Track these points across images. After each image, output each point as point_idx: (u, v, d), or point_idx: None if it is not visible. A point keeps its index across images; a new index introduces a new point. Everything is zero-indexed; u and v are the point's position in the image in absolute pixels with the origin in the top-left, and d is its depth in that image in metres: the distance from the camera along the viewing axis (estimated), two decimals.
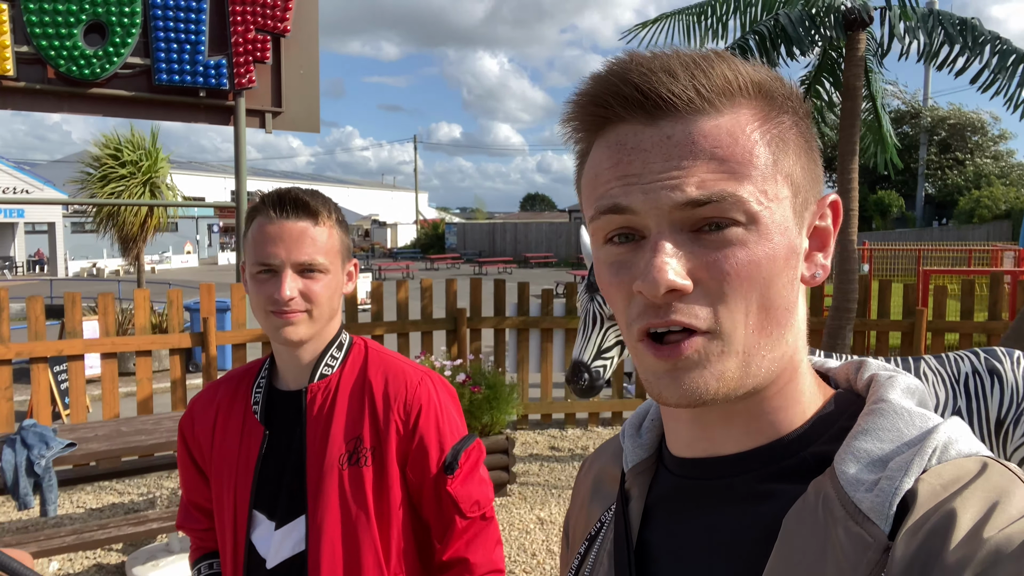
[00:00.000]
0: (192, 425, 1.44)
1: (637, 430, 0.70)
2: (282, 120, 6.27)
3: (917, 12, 5.76)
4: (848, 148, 5.79)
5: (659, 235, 0.53)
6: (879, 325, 6.25)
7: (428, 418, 1.34)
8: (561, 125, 0.60)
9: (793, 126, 0.56)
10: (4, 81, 5.21)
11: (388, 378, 1.36)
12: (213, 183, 43.73)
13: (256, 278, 1.28)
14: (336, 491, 1.29)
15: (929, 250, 17.57)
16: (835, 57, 6.44)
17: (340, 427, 1.32)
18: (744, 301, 0.52)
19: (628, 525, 0.65)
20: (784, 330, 0.55)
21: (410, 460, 1.34)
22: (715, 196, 0.51)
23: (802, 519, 0.51)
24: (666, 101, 0.53)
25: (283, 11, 5.92)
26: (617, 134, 0.55)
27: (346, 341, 1.40)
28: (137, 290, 5.47)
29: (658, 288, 0.51)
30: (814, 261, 0.58)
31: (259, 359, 1.46)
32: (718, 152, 0.52)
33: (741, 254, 0.52)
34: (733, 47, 5.75)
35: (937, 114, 36.32)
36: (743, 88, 0.54)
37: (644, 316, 0.53)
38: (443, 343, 6.56)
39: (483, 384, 5.16)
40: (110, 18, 5.39)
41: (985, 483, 0.48)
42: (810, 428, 0.58)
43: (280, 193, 1.29)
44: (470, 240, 44.91)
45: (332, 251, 1.31)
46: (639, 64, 0.54)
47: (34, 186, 23.37)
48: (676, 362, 0.53)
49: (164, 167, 12.02)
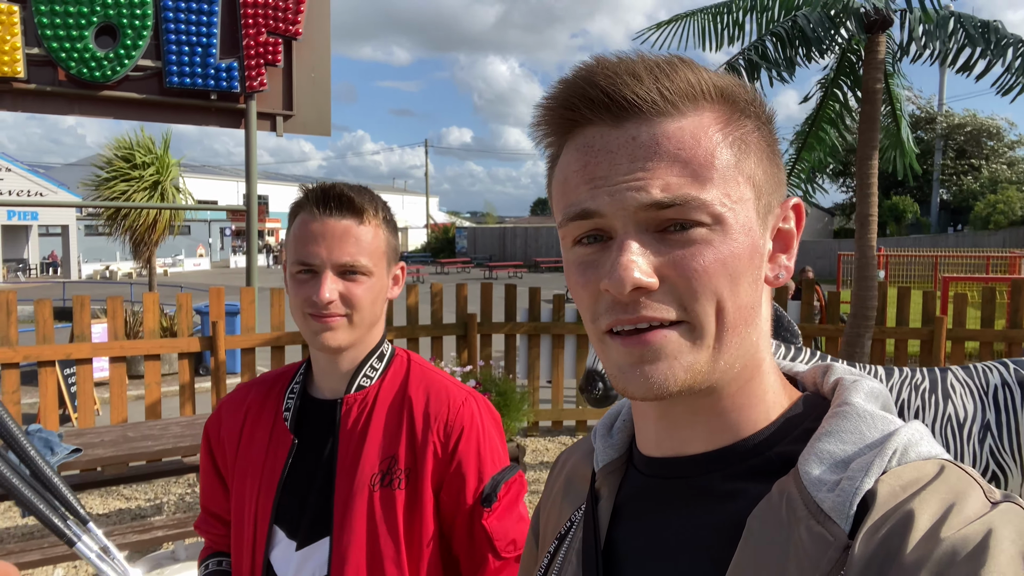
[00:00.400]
0: (219, 427, 1.36)
1: (608, 430, 0.71)
2: (293, 123, 6.22)
3: (938, 14, 5.65)
4: (867, 152, 5.69)
5: (625, 235, 0.54)
6: (897, 333, 6.12)
7: (469, 442, 1.23)
8: (531, 129, 0.61)
9: (755, 130, 0.58)
10: (15, 83, 5.19)
11: (430, 395, 1.27)
12: (226, 187, 43.94)
13: (296, 278, 1.20)
14: (365, 513, 1.19)
15: (946, 256, 17.37)
16: (854, 60, 6.34)
17: (375, 444, 1.23)
18: (713, 296, 0.54)
19: (597, 524, 0.66)
20: (749, 328, 0.57)
21: (445, 486, 1.23)
22: (679, 199, 0.53)
23: (766, 519, 0.52)
24: (631, 103, 0.54)
25: (295, 14, 5.88)
26: (585, 136, 0.57)
27: (388, 351, 1.32)
28: (146, 293, 5.44)
29: (624, 286, 0.53)
30: (777, 262, 0.60)
31: (295, 363, 1.37)
32: (681, 154, 0.54)
33: (707, 252, 0.54)
34: (750, 49, 5.67)
35: (953, 120, 36.01)
36: (706, 92, 0.56)
37: (611, 312, 0.55)
38: (453, 349, 6.48)
39: (493, 391, 5.08)
40: (121, 20, 5.37)
41: (942, 485, 0.49)
42: (776, 429, 0.59)
43: (324, 188, 1.20)
44: (480, 244, 44.89)
45: (377, 252, 1.22)
46: (605, 68, 0.55)
47: (48, 189, 23.53)
48: (643, 352, 0.54)
49: (175, 170, 12.04)
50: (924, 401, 2.73)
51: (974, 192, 34.71)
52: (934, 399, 2.73)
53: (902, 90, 6.61)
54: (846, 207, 40.74)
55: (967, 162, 36.19)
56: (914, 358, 6.73)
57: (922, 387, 2.77)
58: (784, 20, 5.73)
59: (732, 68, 5.76)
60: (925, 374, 2.82)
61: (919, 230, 34.58)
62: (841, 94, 6.55)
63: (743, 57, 5.71)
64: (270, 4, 5.80)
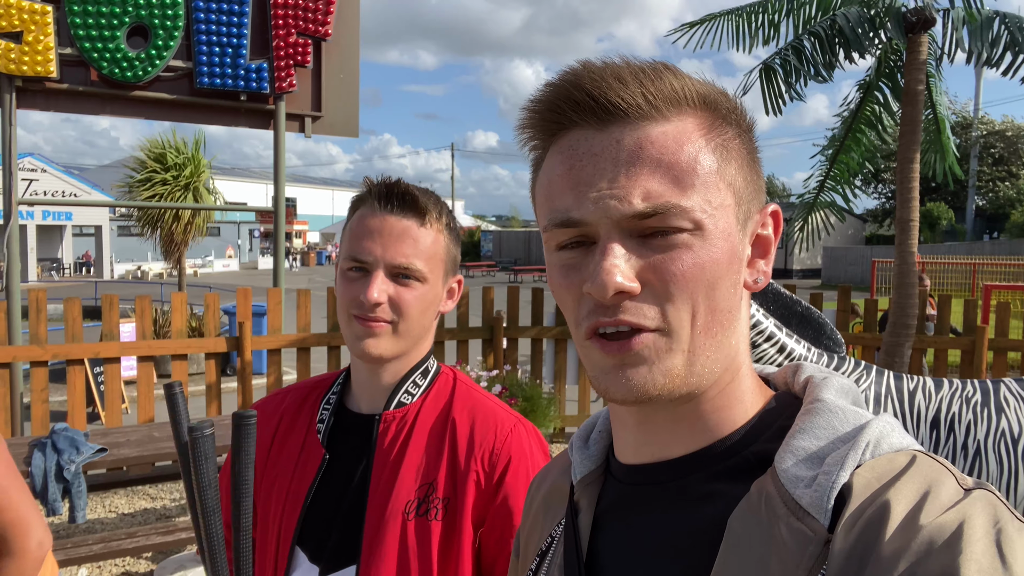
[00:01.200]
0: None
1: (585, 442, 0.71)
2: (321, 124, 6.21)
3: (982, 14, 5.48)
4: (908, 156, 5.53)
5: (608, 239, 0.55)
6: (937, 342, 5.93)
7: (517, 475, 1.11)
8: (517, 132, 0.61)
9: (736, 137, 0.58)
10: (48, 83, 5.23)
11: (476, 419, 1.16)
12: (255, 189, 44.46)
13: (346, 275, 1.11)
14: (396, 544, 1.09)
15: (984, 264, 16.95)
16: (894, 61, 6.17)
17: (412, 468, 1.12)
18: (690, 302, 0.55)
19: (578, 537, 0.66)
20: (728, 333, 0.57)
21: (488, 522, 1.11)
22: (660, 208, 0.54)
23: (746, 519, 0.52)
24: (615, 106, 0.55)
25: (324, 15, 5.87)
26: (570, 139, 0.57)
27: (433, 368, 1.22)
28: (175, 294, 5.45)
29: (607, 290, 0.53)
30: (756, 268, 0.61)
31: (334, 371, 1.28)
32: (664, 159, 0.54)
33: (687, 257, 0.54)
34: (787, 48, 5.53)
35: (992, 126, 35.26)
36: (689, 98, 0.56)
37: (593, 315, 0.55)
38: (479, 352, 6.41)
39: (520, 396, 5.00)
40: (153, 21, 5.39)
41: (916, 474, 0.50)
42: (751, 428, 0.59)
43: (388, 183, 1.13)
44: (506, 248, 44.89)
45: (435, 258, 1.13)
46: (590, 71, 0.56)
47: (82, 190, 23.96)
48: (624, 357, 0.55)
49: (206, 172, 12.15)
50: (976, 414, 2.59)
51: (1011, 199, 33.92)
52: (986, 412, 2.59)
53: (942, 94, 6.43)
54: (878, 213, 40.07)
55: (1004, 168, 35.40)
56: (954, 368, 6.52)
57: (974, 400, 2.63)
58: (823, 20, 5.59)
59: (768, 68, 5.63)
60: (976, 386, 2.68)
61: (954, 237, 33.88)
62: (881, 96, 6.38)
63: (779, 57, 5.57)
64: (300, 5, 5.80)
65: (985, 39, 5.32)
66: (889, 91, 6.35)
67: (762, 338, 2.58)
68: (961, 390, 2.67)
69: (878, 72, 6.27)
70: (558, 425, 6.45)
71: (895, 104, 6.31)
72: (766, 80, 5.69)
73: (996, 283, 12.21)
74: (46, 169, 23.56)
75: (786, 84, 5.60)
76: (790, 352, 2.62)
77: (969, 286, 16.54)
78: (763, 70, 5.66)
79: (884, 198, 39.27)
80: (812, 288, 21.51)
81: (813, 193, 6.94)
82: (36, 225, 29.94)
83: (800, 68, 5.47)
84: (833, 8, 5.83)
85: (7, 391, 4.88)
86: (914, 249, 5.58)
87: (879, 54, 6.14)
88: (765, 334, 2.59)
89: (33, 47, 5.06)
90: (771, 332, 2.60)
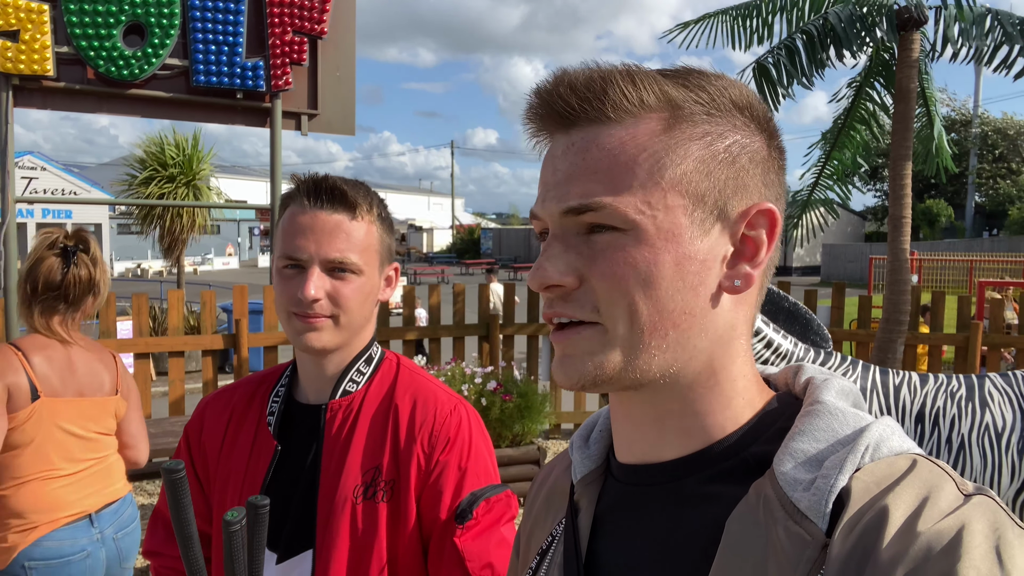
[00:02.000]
0: (200, 430, 1.28)
1: (585, 441, 0.71)
2: (318, 122, 6.23)
3: (974, 12, 5.50)
4: (900, 153, 5.55)
5: (552, 236, 0.59)
6: (931, 339, 5.95)
7: (452, 452, 1.15)
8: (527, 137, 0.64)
9: (703, 136, 0.57)
10: (45, 81, 5.25)
11: (417, 402, 1.19)
12: (255, 187, 44.44)
13: (282, 273, 1.14)
14: (348, 527, 1.12)
15: (981, 261, 16.96)
16: (887, 59, 6.19)
17: (358, 454, 1.16)
18: (624, 299, 0.55)
19: (577, 536, 0.66)
20: (689, 334, 0.57)
21: (424, 497, 1.15)
22: (592, 205, 0.56)
23: (744, 521, 0.52)
24: (560, 112, 0.58)
25: (320, 13, 5.89)
26: (549, 142, 0.61)
27: (376, 355, 1.24)
28: (172, 291, 5.48)
29: (534, 283, 0.57)
30: (737, 270, 0.59)
31: (282, 364, 1.31)
32: (602, 161, 0.56)
33: (618, 256, 0.55)
34: (779, 47, 5.55)
35: (990, 124, 35.22)
36: (644, 101, 0.57)
37: (545, 308, 0.60)
38: (475, 349, 6.44)
39: (515, 392, 5.03)
40: (149, 19, 5.41)
41: (915, 479, 0.49)
42: (749, 430, 0.59)
43: (316, 179, 1.14)
44: (506, 245, 44.89)
45: (369, 250, 1.16)
46: (548, 79, 0.59)
47: (82, 188, 23.98)
48: (564, 346, 0.58)
49: (206, 169, 12.18)
50: (960, 409, 2.62)
51: (1010, 196, 33.91)
52: (971, 407, 2.63)
53: (935, 91, 6.45)
54: (878, 211, 40.07)
55: (1004, 165, 35.38)
56: (948, 365, 6.55)
57: (958, 394, 2.66)
58: (815, 18, 5.61)
59: (762, 68, 5.65)
60: (961, 381, 2.71)
61: (953, 234, 33.87)
62: (875, 93, 6.40)
63: (772, 56, 5.59)
64: (296, 3, 5.82)
65: (977, 36, 5.34)
66: (883, 88, 6.37)
67: None
68: (946, 385, 2.70)
69: (870, 70, 6.30)
70: (553, 422, 6.48)
71: (888, 101, 6.34)
72: (760, 79, 5.71)
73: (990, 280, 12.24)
74: (46, 167, 23.58)
75: (780, 83, 5.62)
76: (777, 347, 2.65)
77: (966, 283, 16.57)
78: (756, 69, 5.68)
79: (883, 195, 39.26)
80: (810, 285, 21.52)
81: (808, 190, 6.97)
82: (36, 223, 29.96)
83: (792, 70, 5.49)
84: (825, 7, 5.85)
85: None
86: (906, 246, 5.60)
87: (871, 52, 6.16)
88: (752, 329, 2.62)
89: (30, 46, 5.08)
90: (758, 327, 2.63)
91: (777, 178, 0.61)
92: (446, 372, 5.19)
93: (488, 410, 4.91)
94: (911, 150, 5.62)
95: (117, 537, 2.23)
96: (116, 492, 2.26)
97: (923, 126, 6.44)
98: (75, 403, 2.15)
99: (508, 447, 4.98)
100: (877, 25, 5.45)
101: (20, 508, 2.05)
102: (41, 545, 2.06)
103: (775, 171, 0.61)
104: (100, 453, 2.22)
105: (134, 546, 2.31)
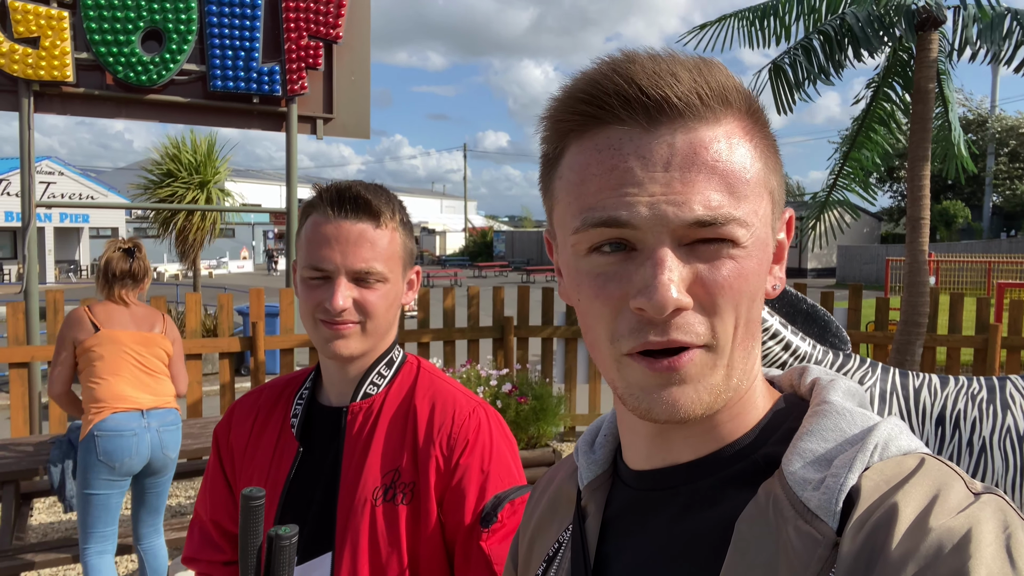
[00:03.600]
0: (228, 432, 1.30)
1: (590, 447, 0.70)
2: (333, 126, 6.27)
3: (994, 11, 5.45)
4: (919, 154, 5.50)
5: (660, 249, 0.51)
6: (950, 341, 5.90)
7: (473, 455, 1.15)
8: (544, 120, 0.57)
9: (767, 138, 0.56)
10: (64, 87, 5.32)
11: (435, 404, 1.20)
12: (269, 190, 44.72)
13: (307, 283, 1.14)
14: (367, 529, 1.13)
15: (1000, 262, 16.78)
16: (905, 59, 6.15)
17: (378, 456, 1.16)
18: (734, 314, 0.53)
19: (585, 542, 0.65)
20: (756, 343, 0.57)
21: (446, 501, 1.14)
22: (720, 218, 0.51)
23: (754, 522, 0.52)
24: (671, 105, 0.51)
25: (335, 17, 5.93)
26: (609, 136, 0.53)
27: (398, 358, 1.25)
28: (189, 294, 5.52)
29: (665, 307, 0.50)
30: (773, 274, 0.59)
31: (307, 368, 1.32)
32: (719, 166, 0.52)
33: (733, 268, 0.52)
34: (796, 47, 5.52)
35: (1006, 123, 34.85)
36: (735, 98, 0.54)
37: (640, 333, 0.52)
38: (489, 352, 6.44)
39: (529, 395, 5.03)
40: (167, 25, 5.47)
41: (924, 477, 0.49)
42: (760, 432, 0.59)
43: (339, 188, 1.14)
44: (518, 248, 44.90)
45: (393, 257, 1.16)
46: (642, 65, 0.52)
47: (99, 192, 24.23)
48: (672, 376, 0.52)
49: (222, 173, 12.26)
50: (981, 411, 2.59)
51: None
52: (992, 409, 2.60)
53: (953, 92, 6.40)
54: (894, 212, 39.73)
55: (1021, 166, 35.01)
56: (967, 367, 6.48)
57: (979, 397, 2.63)
58: (832, 18, 5.57)
59: (778, 68, 5.63)
60: (983, 383, 2.68)
61: (970, 235, 33.54)
62: (894, 94, 6.36)
63: (788, 56, 5.57)
64: (311, 8, 5.86)
65: (996, 36, 5.29)
66: (900, 88, 6.33)
67: (767, 336, 2.60)
68: (967, 387, 2.67)
69: (888, 70, 6.25)
70: (568, 424, 6.47)
71: (907, 101, 6.29)
72: (776, 79, 5.69)
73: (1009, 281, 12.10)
74: (63, 172, 23.84)
75: (796, 85, 5.59)
76: (796, 349, 2.63)
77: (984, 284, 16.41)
78: (772, 69, 5.65)
79: (899, 196, 38.96)
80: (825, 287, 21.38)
81: (826, 191, 6.93)
82: (54, 227, 30.29)
83: (810, 69, 5.46)
84: (843, 7, 5.82)
85: (25, 390, 4.97)
86: (925, 247, 5.55)
87: (889, 52, 6.12)
88: (771, 332, 2.60)
89: (50, 52, 5.15)
90: (776, 330, 2.62)
91: None
92: (461, 375, 5.20)
93: (503, 412, 4.92)
94: (929, 151, 5.57)
95: (160, 430, 3.27)
96: (164, 402, 3.34)
97: (941, 127, 6.39)
98: (131, 334, 3.28)
99: (523, 449, 4.99)
100: (895, 25, 5.41)
101: (98, 396, 3.18)
102: (107, 421, 3.15)
103: None
104: (155, 372, 3.33)
105: (174, 440, 3.36)
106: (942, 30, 5.58)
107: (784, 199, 0.59)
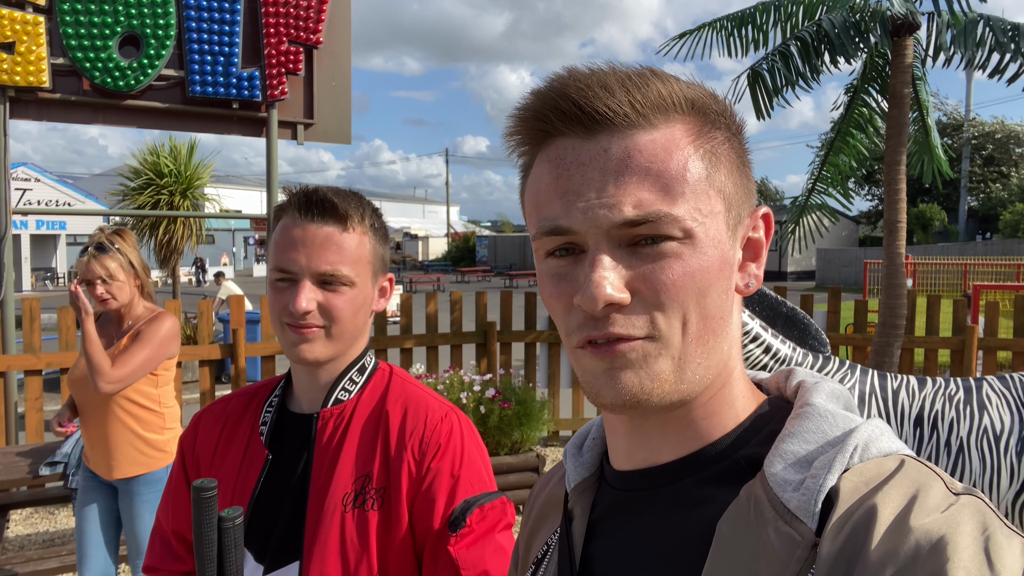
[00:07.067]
0: (194, 440, 1.28)
1: (579, 450, 0.71)
2: (314, 132, 6.24)
3: (967, 17, 5.54)
4: (895, 158, 5.58)
5: (597, 250, 0.55)
6: (927, 342, 5.98)
7: (444, 459, 1.14)
8: (505, 139, 0.61)
9: (726, 141, 0.58)
10: (40, 93, 5.25)
11: (407, 410, 1.19)
12: (249, 196, 44.42)
13: (275, 286, 1.14)
14: (336, 536, 1.11)
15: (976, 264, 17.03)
16: (881, 64, 6.24)
17: (349, 462, 1.15)
18: (680, 310, 0.54)
19: (571, 544, 0.66)
20: (719, 339, 0.57)
21: (416, 505, 1.13)
22: (651, 216, 0.53)
23: (735, 522, 0.53)
24: (603, 115, 0.54)
25: (316, 23, 5.91)
26: (557, 148, 0.57)
27: (369, 365, 1.25)
28: (168, 301, 5.46)
29: (596, 303, 0.53)
30: (747, 271, 0.61)
31: (278, 375, 1.31)
32: (652, 168, 0.54)
33: (676, 266, 0.54)
34: (773, 54, 5.59)
35: (982, 128, 35.43)
36: (677, 104, 0.56)
37: (584, 328, 0.55)
38: (473, 357, 6.44)
39: (513, 400, 5.03)
40: (145, 30, 5.42)
41: (904, 478, 0.50)
42: (742, 432, 0.59)
43: (307, 192, 1.14)
44: (501, 253, 44.94)
45: (361, 261, 1.16)
46: (576, 79, 0.55)
47: (75, 199, 23.91)
48: (613, 360, 0.55)
49: (203, 179, 12.16)
50: (958, 412, 2.63)
51: (1003, 200, 34.10)
52: (969, 410, 2.63)
53: (929, 96, 6.50)
54: (872, 215, 40.23)
55: (996, 169, 35.58)
56: (944, 368, 6.57)
57: (956, 398, 2.67)
58: (808, 24, 5.64)
59: (756, 74, 5.68)
60: (959, 384, 2.72)
61: (947, 238, 34.02)
62: (871, 99, 6.45)
63: (766, 62, 5.63)
64: (292, 13, 5.83)
65: (970, 42, 5.38)
66: (877, 93, 6.41)
67: (748, 339, 2.62)
68: (944, 388, 2.71)
69: (865, 76, 6.34)
70: (552, 428, 6.47)
71: (883, 106, 6.38)
72: (754, 85, 5.75)
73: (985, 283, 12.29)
74: (40, 179, 23.51)
75: (775, 90, 5.65)
76: (776, 352, 2.66)
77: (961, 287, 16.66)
78: (751, 75, 5.71)
79: (877, 200, 39.43)
80: (805, 290, 21.58)
81: (805, 195, 7.01)
82: (30, 235, 29.85)
83: (788, 75, 5.52)
84: (819, 14, 5.89)
85: (1, 400, 4.89)
86: (902, 250, 5.63)
87: (866, 58, 6.21)
88: (751, 335, 2.62)
89: (25, 57, 5.08)
90: (757, 333, 2.64)
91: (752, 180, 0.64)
92: (444, 380, 5.19)
93: (487, 417, 4.91)
94: (905, 155, 5.65)
95: None
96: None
97: (918, 131, 6.48)
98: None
99: (507, 454, 4.98)
100: (871, 31, 5.48)
101: (177, 417, 2.99)
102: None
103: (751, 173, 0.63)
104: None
105: None
106: (917, 36, 5.67)
107: (751, 198, 0.61)
